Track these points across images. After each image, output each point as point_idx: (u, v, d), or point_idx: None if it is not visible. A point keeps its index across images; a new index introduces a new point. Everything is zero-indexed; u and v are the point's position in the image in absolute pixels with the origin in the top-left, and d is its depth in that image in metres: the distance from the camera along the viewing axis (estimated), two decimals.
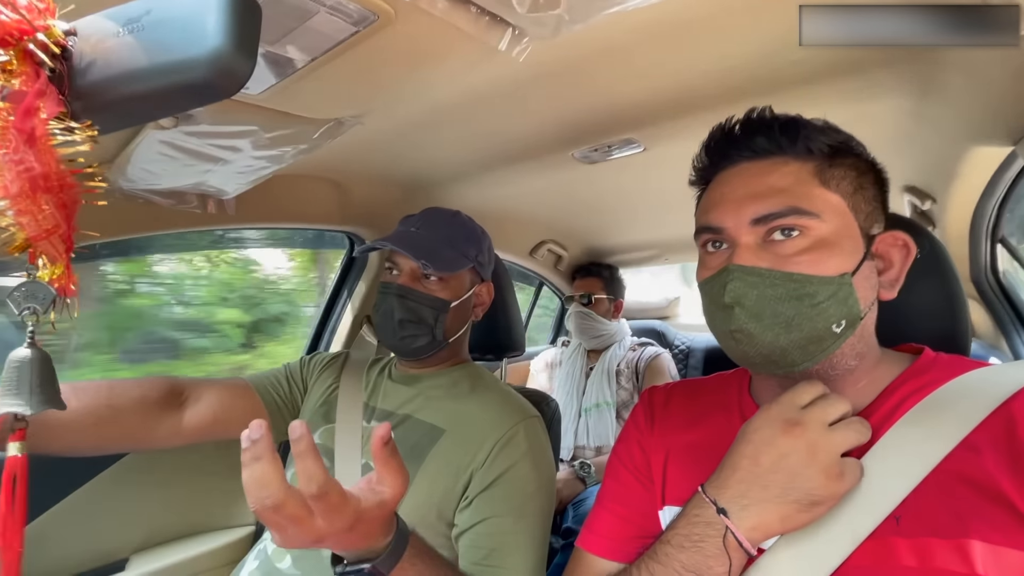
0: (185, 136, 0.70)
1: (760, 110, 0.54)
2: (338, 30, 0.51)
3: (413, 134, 0.97)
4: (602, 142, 1.05)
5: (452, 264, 0.84)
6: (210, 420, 0.82)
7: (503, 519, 0.70)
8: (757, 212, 0.49)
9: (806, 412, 0.46)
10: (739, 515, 0.45)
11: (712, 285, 0.52)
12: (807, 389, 0.48)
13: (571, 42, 0.57)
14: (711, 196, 0.55)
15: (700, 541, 0.46)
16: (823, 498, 0.44)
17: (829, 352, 0.49)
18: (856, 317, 0.49)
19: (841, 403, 0.46)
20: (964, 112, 0.84)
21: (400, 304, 0.82)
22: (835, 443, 0.45)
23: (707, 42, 0.71)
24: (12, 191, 0.38)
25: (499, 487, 0.72)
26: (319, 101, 0.69)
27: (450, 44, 0.57)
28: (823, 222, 0.48)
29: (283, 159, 0.82)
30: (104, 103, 0.35)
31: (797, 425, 0.45)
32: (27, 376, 0.49)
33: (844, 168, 0.51)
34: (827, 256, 0.48)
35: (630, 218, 1.78)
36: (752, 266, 0.49)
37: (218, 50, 0.31)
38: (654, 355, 1.73)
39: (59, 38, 0.34)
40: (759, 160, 0.52)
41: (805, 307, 0.47)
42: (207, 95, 0.33)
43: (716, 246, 0.54)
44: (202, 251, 1.44)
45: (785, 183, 0.49)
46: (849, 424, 0.46)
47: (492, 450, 0.74)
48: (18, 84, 0.34)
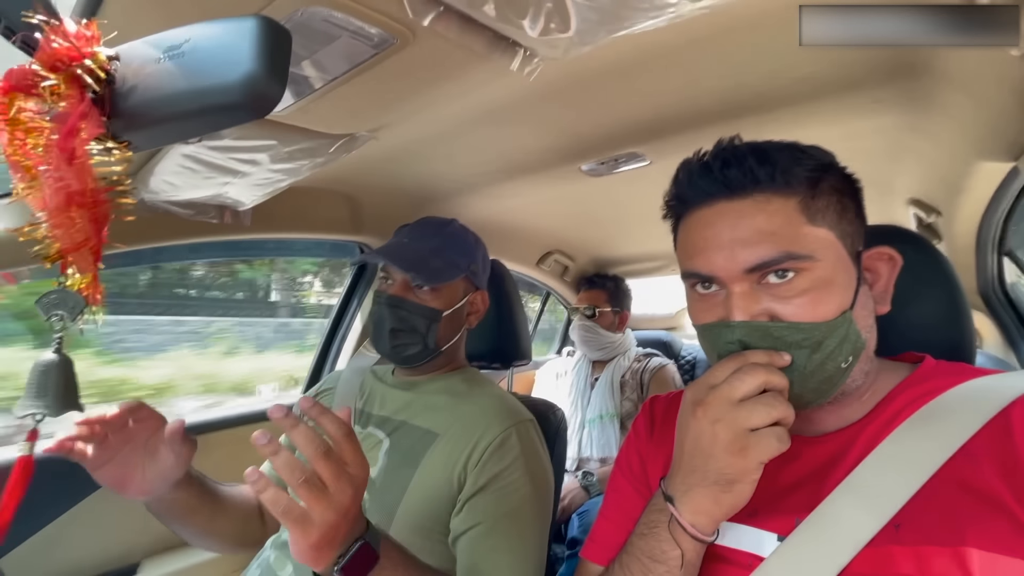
0: (207, 150, 0.72)
1: (729, 140, 0.52)
2: (358, 52, 0.54)
3: (425, 148, 1.00)
4: (609, 156, 1.07)
5: (441, 275, 0.84)
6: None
7: (496, 522, 0.70)
8: (751, 261, 0.47)
9: (713, 391, 0.45)
10: (681, 501, 0.46)
11: (713, 334, 0.50)
12: (723, 367, 0.46)
13: (579, 61, 0.59)
14: (693, 239, 0.52)
15: (655, 527, 0.48)
16: (734, 475, 0.43)
17: (839, 386, 0.49)
18: (861, 348, 0.49)
19: (752, 376, 0.44)
20: (965, 128, 0.85)
21: (392, 314, 0.83)
22: (738, 419, 0.43)
23: (711, 60, 0.73)
24: (50, 206, 0.40)
25: (491, 491, 0.72)
26: (336, 118, 0.72)
27: (463, 65, 0.60)
28: (817, 262, 0.47)
29: (299, 172, 0.84)
30: (143, 124, 0.37)
31: (701, 406, 0.45)
32: (51, 381, 0.51)
33: (826, 196, 0.49)
34: (826, 296, 0.47)
35: (636, 229, 1.79)
36: (756, 322, 0.47)
37: (251, 75, 0.33)
38: (659, 366, 1.73)
39: (104, 63, 0.36)
40: (737, 199, 0.49)
41: (815, 355, 0.47)
42: (240, 116, 0.36)
43: (707, 287, 0.52)
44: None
45: (772, 226, 0.47)
46: (758, 400, 0.44)
47: (485, 452, 0.74)
48: (64, 106, 0.37)
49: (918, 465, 0.45)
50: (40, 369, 0.49)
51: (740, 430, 0.43)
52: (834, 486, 0.48)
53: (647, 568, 0.48)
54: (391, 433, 0.84)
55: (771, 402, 0.44)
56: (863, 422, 0.51)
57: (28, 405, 0.49)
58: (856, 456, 0.49)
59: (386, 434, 0.84)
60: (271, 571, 0.76)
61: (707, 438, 0.44)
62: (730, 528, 0.51)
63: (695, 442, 0.46)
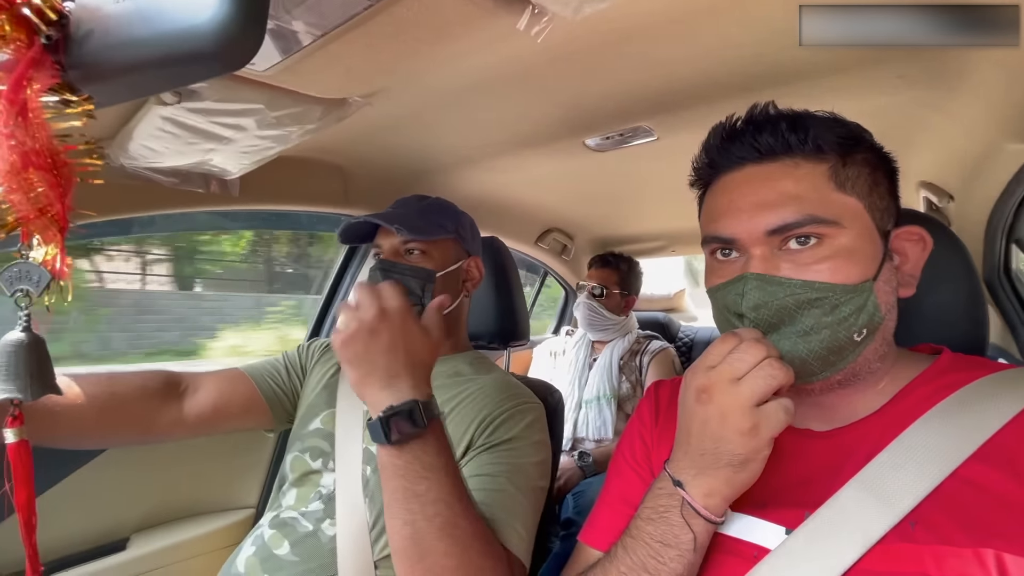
0: (188, 113, 0.68)
1: (764, 106, 0.51)
2: (350, 3, 0.49)
3: (421, 117, 0.95)
4: (615, 130, 1.03)
5: (426, 231, 0.83)
6: (210, 410, 0.81)
7: (499, 479, 0.69)
8: (772, 223, 0.47)
9: (713, 372, 0.44)
10: (691, 484, 0.46)
11: (726, 292, 0.50)
12: (718, 347, 0.45)
13: (589, 25, 0.55)
14: (717, 203, 0.52)
15: (665, 512, 0.47)
16: (747, 455, 0.43)
17: (850, 361, 0.48)
18: (878, 323, 0.47)
19: (750, 353, 0.43)
20: (992, 107, 0.82)
21: (385, 277, 0.80)
22: (743, 398, 0.42)
23: (727, 29, 0.68)
24: (2, 168, 0.36)
25: (499, 451, 0.72)
26: (327, 80, 0.67)
27: (466, 21, 0.55)
28: (842, 229, 0.46)
29: (288, 140, 0.80)
30: (102, 73, 0.33)
31: (705, 391, 0.44)
32: (22, 361, 0.47)
33: (858, 166, 0.48)
34: (848, 264, 0.46)
35: (639, 208, 1.75)
36: (771, 275, 0.47)
37: (224, 19, 0.29)
38: (659, 349, 1.72)
39: (56, 3, 0.32)
40: (767, 163, 0.49)
41: (826, 317, 0.46)
42: (211, 67, 0.31)
43: (726, 254, 0.51)
44: None
45: (799, 189, 0.47)
46: (756, 372, 0.43)
47: (495, 419, 0.74)
48: (11, 52, 0.32)
49: (936, 462, 0.43)
50: (9, 350, 0.46)
51: (747, 408, 0.42)
52: (847, 480, 0.46)
53: (656, 552, 0.47)
54: None
55: (769, 371, 0.43)
56: (878, 415, 0.49)
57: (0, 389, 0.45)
58: (869, 451, 0.47)
59: None
60: (266, 548, 0.75)
61: (715, 421, 0.44)
62: (738, 519, 0.50)
63: (703, 426, 0.45)
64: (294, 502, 0.80)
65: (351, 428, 0.82)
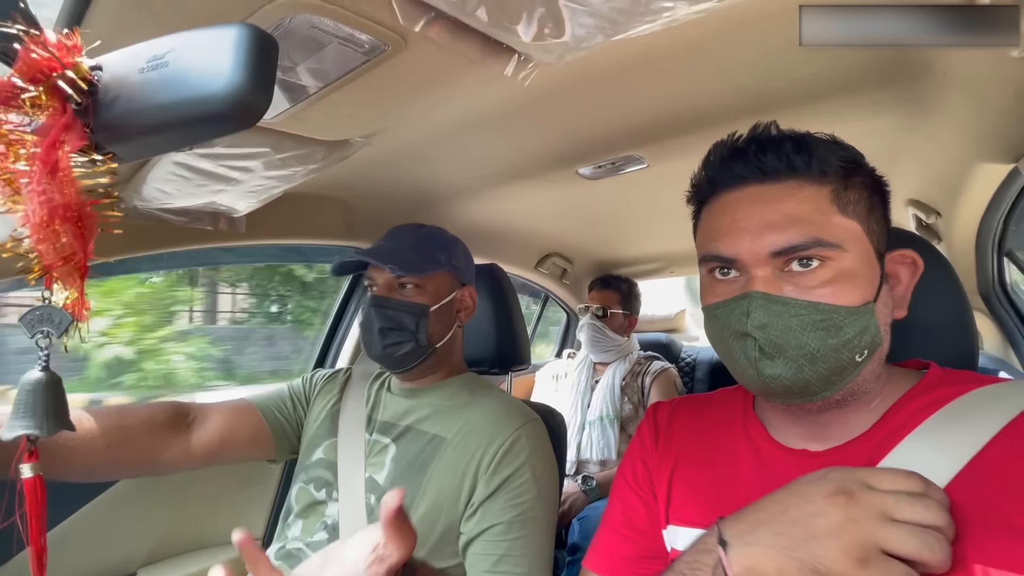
0: (198, 158, 0.72)
1: (766, 125, 0.52)
2: (349, 59, 0.53)
3: (420, 153, 0.99)
4: (607, 159, 1.07)
5: (420, 267, 0.84)
6: (217, 441, 0.83)
7: (509, 525, 0.71)
8: (778, 244, 0.46)
9: (868, 491, 0.40)
10: (738, 550, 0.42)
11: (727, 311, 0.49)
12: (893, 476, 0.41)
13: (575, 65, 0.58)
14: (718, 222, 0.51)
15: (697, 569, 0.44)
16: (828, 572, 0.38)
17: (849, 381, 0.48)
18: (878, 344, 0.48)
19: (933, 512, 0.38)
20: (965, 130, 0.85)
21: (379, 314, 0.83)
22: (876, 534, 0.38)
23: (709, 63, 0.72)
24: (33, 220, 0.39)
25: (503, 493, 0.73)
26: (329, 124, 0.71)
27: (457, 70, 0.59)
28: (845, 252, 0.46)
29: (293, 179, 0.84)
30: (127, 135, 0.36)
31: (848, 495, 0.40)
32: (39, 399, 0.49)
33: (858, 190, 0.49)
34: (850, 287, 0.46)
35: (635, 231, 1.79)
36: (776, 294, 0.46)
37: (235, 85, 0.32)
38: (661, 370, 1.72)
39: (87, 74, 0.35)
40: (770, 183, 0.49)
41: (831, 339, 0.46)
42: (224, 128, 0.35)
43: (725, 273, 0.51)
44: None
45: (803, 211, 0.47)
46: (924, 533, 0.37)
47: (496, 455, 0.75)
48: (45, 117, 0.36)
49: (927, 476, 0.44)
50: (28, 388, 0.48)
51: (872, 545, 0.38)
52: None
53: None
54: (396, 439, 0.83)
55: (932, 543, 0.38)
56: (871, 432, 0.50)
57: (18, 426, 0.47)
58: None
59: (391, 440, 0.84)
60: None
61: (829, 525, 0.39)
62: None
63: (810, 518, 0.40)
64: (300, 533, 0.81)
65: (353, 458, 0.83)
